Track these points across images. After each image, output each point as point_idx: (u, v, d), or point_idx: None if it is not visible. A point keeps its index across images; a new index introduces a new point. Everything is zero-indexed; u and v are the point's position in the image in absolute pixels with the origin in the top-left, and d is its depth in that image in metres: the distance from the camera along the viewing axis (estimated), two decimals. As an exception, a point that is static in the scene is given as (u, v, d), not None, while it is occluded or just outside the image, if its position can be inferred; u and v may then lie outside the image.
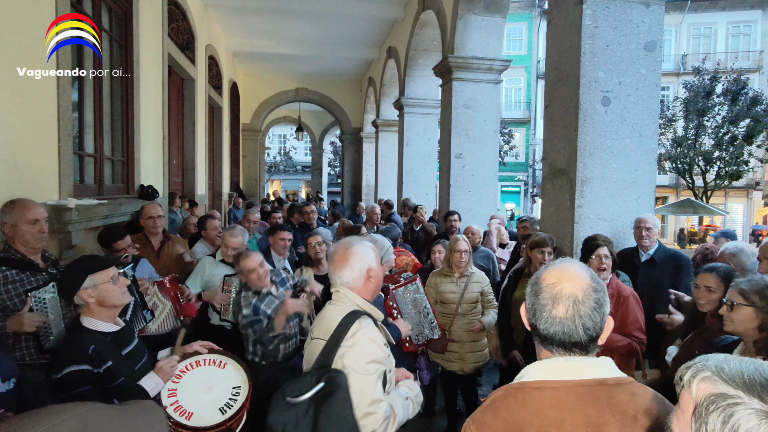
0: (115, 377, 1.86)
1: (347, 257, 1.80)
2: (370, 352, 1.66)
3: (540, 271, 1.16)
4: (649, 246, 3.36)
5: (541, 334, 1.10)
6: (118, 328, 1.99)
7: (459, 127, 6.04)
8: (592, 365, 1.08)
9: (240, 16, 9.09)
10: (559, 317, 1.07)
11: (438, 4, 6.57)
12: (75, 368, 1.77)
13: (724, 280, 2.17)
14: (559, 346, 1.09)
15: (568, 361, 1.09)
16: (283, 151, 31.29)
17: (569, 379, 1.05)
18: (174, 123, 6.85)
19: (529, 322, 1.15)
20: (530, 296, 1.14)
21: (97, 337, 1.88)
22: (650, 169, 3.63)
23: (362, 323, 1.71)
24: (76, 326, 1.93)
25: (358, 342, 1.66)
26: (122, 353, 1.94)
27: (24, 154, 2.94)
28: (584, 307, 1.07)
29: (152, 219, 3.66)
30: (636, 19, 3.53)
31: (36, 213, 2.35)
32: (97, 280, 1.88)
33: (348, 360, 1.63)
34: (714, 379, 0.67)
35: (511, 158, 25.63)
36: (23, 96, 2.93)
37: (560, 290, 1.08)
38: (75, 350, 1.82)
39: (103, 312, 1.92)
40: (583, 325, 1.06)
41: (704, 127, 19.00)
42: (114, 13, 4.53)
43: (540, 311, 1.09)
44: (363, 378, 1.62)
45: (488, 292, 3.58)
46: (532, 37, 25.37)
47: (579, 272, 1.11)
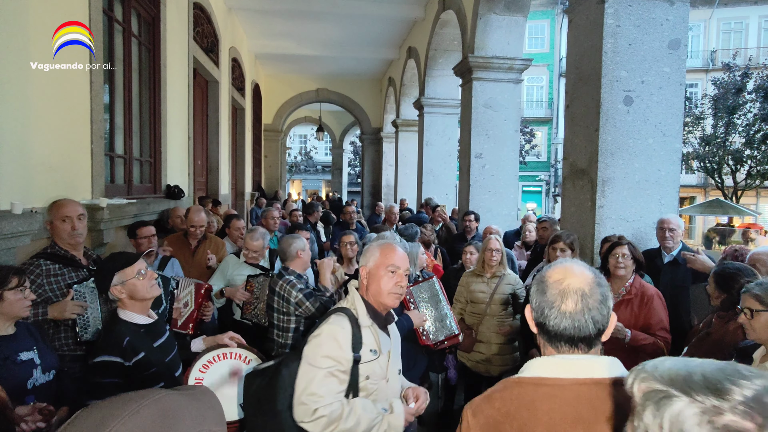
0: (147, 367, 1.94)
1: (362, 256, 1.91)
2: (327, 347, 1.69)
3: (543, 271, 1.18)
4: (673, 247, 3.31)
5: (551, 331, 1.11)
6: (151, 320, 2.07)
7: (479, 127, 6.02)
8: (592, 364, 1.08)
9: (262, 19, 9.24)
10: (569, 311, 1.08)
11: (458, 4, 6.57)
12: (107, 359, 1.86)
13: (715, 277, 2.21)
14: (568, 342, 1.10)
15: (567, 359, 1.09)
16: (304, 151, 31.60)
17: (567, 377, 1.07)
18: (198, 124, 7.03)
19: (536, 321, 1.15)
20: (536, 295, 1.15)
21: (132, 329, 1.97)
22: (674, 169, 3.57)
23: (332, 320, 1.75)
24: (114, 318, 2.03)
25: (320, 335, 1.72)
26: (154, 345, 2.02)
27: (60, 155, 3.09)
28: (592, 300, 1.08)
29: (194, 228, 3.80)
30: (660, 17, 3.48)
31: (67, 210, 2.48)
32: (124, 277, 1.97)
33: (306, 348, 1.72)
34: (650, 379, 0.71)
35: (533, 157, 25.33)
36: (59, 101, 3.07)
37: (567, 285, 1.10)
38: (111, 341, 1.92)
39: (135, 305, 2.01)
40: (592, 318, 1.08)
41: (734, 125, 18.42)
42: (143, 18, 4.69)
43: (549, 308, 1.10)
44: (311, 369, 1.67)
45: (521, 295, 3.50)
46: (554, 35, 25.01)
47: (582, 269, 1.14)
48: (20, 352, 1.86)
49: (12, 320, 1.90)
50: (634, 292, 2.64)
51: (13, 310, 1.86)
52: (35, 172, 2.82)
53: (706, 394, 0.64)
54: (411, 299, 2.71)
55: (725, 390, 0.64)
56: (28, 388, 1.84)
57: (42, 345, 2.00)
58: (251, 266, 3.46)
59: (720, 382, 0.65)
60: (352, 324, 1.74)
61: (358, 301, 1.82)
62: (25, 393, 1.79)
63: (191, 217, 3.83)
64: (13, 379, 1.80)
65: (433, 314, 2.73)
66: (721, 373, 0.67)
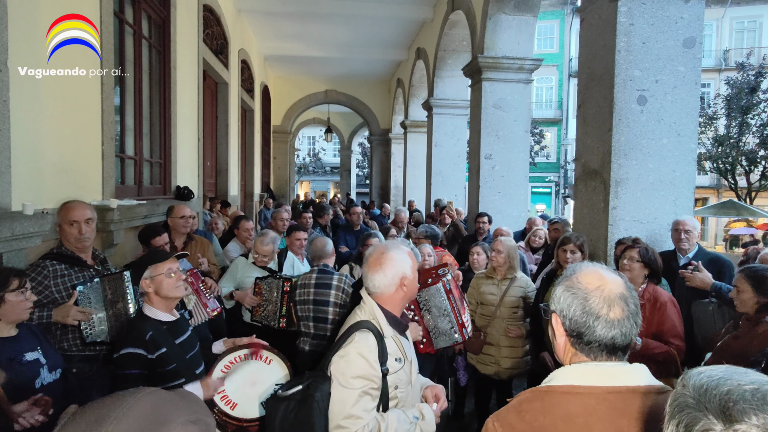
0: (167, 363, 1.97)
1: (382, 262, 1.77)
2: (356, 367, 1.64)
3: (572, 277, 1.11)
4: (688, 249, 3.24)
5: (594, 341, 1.05)
6: (174, 318, 2.12)
7: (489, 128, 5.98)
8: (625, 371, 1.04)
9: (271, 21, 9.27)
10: (618, 319, 1.04)
11: (468, 4, 6.53)
12: (131, 350, 1.91)
13: (751, 279, 2.12)
14: (610, 350, 1.05)
15: (600, 366, 1.05)
16: (312, 152, 31.68)
17: (600, 385, 1.02)
18: (208, 126, 7.06)
19: (575, 331, 1.07)
20: (573, 303, 1.07)
21: (155, 325, 2.01)
22: (689, 170, 3.51)
23: (357, 337, 1.69)
24: (139, 313, 2.09)
25: (347, 355, 1.66)
26: (176, 342, 2.06)
27: (71, 157, 3.10)
28: (633, 304, 1.06)
29: (184, 218, 3.70)
30: (674, 15, 3.42)
31: (75, 215, 2.47)
32: (154, 272, 2.02)
33: (335, 369, 1.67)
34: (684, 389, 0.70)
35: (542, 158, 25.15)
36: (71, 103, 3.09)
37: (610, 292, 1.05)
38: (135, 334, 1.96)
39: (161, 302, 2.06)
40: (636, 323, 1.05)
41: (748, 125, 18.13)
42: (153, 21, 4.71)
43: (595, 317, 1.04)
44: (344, 391, 1.62)
45: (532, 299, 3.43)
46: (564, 36, 24.83)
47: (612, 274, 1.10)
48: (25, 352, 1.88)
49: (14, 322, 1.91)
50: (647, 297, 2.57)
51: (14, 312, 1.87)
52: (47, 173, 2.83)
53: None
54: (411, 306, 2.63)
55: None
56: (36, 387, 1.86)
57: (46, 344, 2.02)
58: (260, 268, 3.45)
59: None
60: (377, 338, 1.70)
61: (378, 311, 1.76)
62: (34, 392, 1.79)
63: (178, 210, 3.67)
64: (21, 380, 1.82)
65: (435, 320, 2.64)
66: None
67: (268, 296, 3.17)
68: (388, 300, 1.78)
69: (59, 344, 2.32)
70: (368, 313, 1.77)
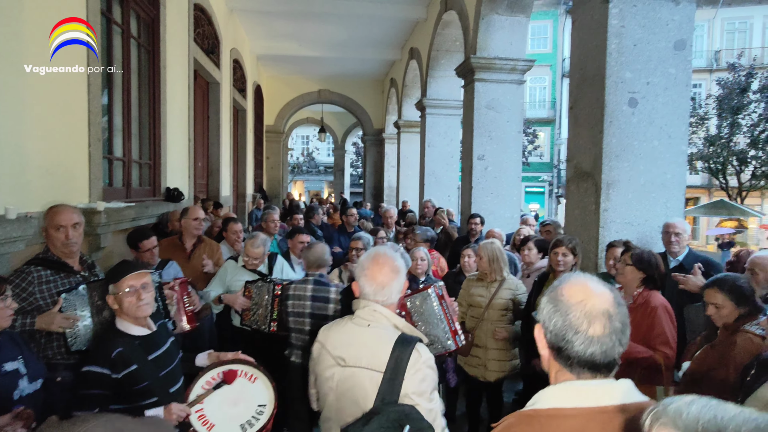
0: (138, 381, 1.89)
1: (396, 270, 1.70)
2: (433, 379, 1.62)
3: (558, 288, 1.08)
4: (679, 252, 3.25)
5: (574, 358, 1.01)
6: (148, 332, 2.03)
7: (481, 129, 5.97)
8: (611, 389, 1.01)
9: (264, 20, 9.21)
10: (597, 336, 1.00)
11: (460, 4, 6.51)
12: (94, 369, 1.83)
13: (731, 293, 2.08)
14: (592, 368, 1.01)
15: (585, 385, 1.01)
16: (306, 152, 31.58)
17: (587, 406, 0.98)
18: (199, 126, 6.99)
19: (555, 345, 1.04)
20: (555, 316, 1.04)
21: (127, 340, 1.93)
22: (680, 172, 3.51)
23: (420, 350, 1.62)
24: (110, 327, 1.99)
25: (421, 370, 1.59)
26: (149, 358, 1.97)
27: (57, 159, 3.05)
28: (617, 322, 1.02)
29: (197, 220, 3.73)
30: (665, 17, 3.42)
31: (61, 220, 2.42)
32: (116, 288, 1.94)
33: (414, 390, 1.57)
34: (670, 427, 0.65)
35: (536, 158, 25.24)
36: (55, 103, 3.04)
37: (592, 306, 1.01)
38: (100, 351, 1.88)
39: (129, 317, 1.98)
40: (619, 341, 1.01)
41: (739, 126, 18.29)
42: (142, 20, 4.65)
43: (574, 332, 1.01)
44: (431, 406, 1.58)
45: (521, 302, 3.43)
46: (557, 36, 24.91)
47: (600, 287, 1.06)
48: (4, 362, 1.81)
49: None
50: (639, 301, 2.54)
51: None
52: (31, 176, 2.78)
53: None
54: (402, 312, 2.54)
55: None
56: (15, 398, 1.80)
57: (28, 353, 1.95)
58: (250, 272, 3.41)
59: None
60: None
61: (402, 323, 1.70)
62: (12, 404, 1.74)
63: (192, 212, 3.75)
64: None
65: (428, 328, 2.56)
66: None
67: (258, 300, 3.12)
68: (392, 307, 1.73)
69: (43, 352, 2.27)
70: (388, 324, 1.67)
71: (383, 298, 1.69)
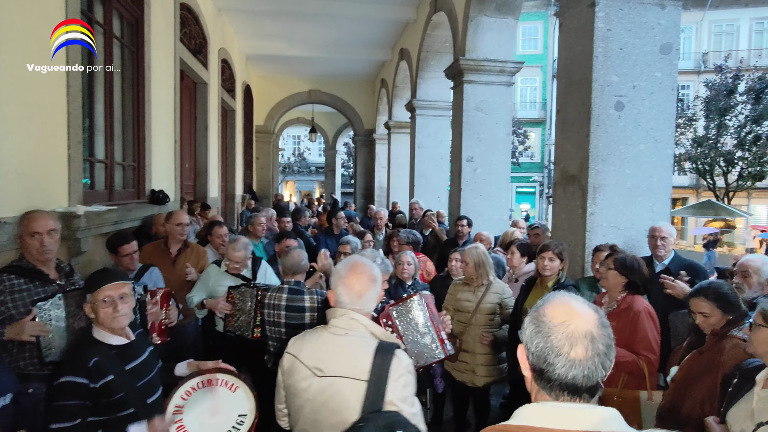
0: (114, 392, 1.85)
1: (373, 279, 1.70)
2: (414, 384, 1.63)
3: (540, 308, 1.06)
4: (664, 256, 3.25)
5: (554, 380, 0.99)
6: (126, 341, 1.99)
7: (470, 130, 5.96)
8: (589, 414, 0.97)
9: (253, 20, 9.13)
10: (579, 359, 0.97)
11: (449, 6, 6.50)
12: (70, 379, 1.78)
13: (717, 301, 2.08)
14: (572, 392, 0.99)
15: (559, 407, 0.99)
16: (297, 152, 31.44)
17: (558, 428, 0.95)
18: (186, 127, 6.90)
19: (536, 367, 1.02)
20: (536, 337, 1.01)
21: (103, 350, 1.88)
22: (666, 176, 3.52)
23: (400, 356, 1.63)
24: (86, 336, 1.95)
25: (403, 375, 1.60)
26: (126, 368, 1.92)
27: (33, 162, 2.97)
28: (601, 343, 0.99)
29: (181, 225, 3.64)
30: (651, 21, 3.42)
31: (36, 226, 2.35)
32: (92, 298, 1.90)
33: (396, 396, 1.58)
34: None
35: (527, 159, 25.36)
36: (32, 105, 2.96)
37: (575, 328, 0.99)
38: (76, 361, 1.83)
39: (106, 327, 1.93)
40: (602, 364, 0.98)
41: (726, 127, 18.52)
42: (125, 19, 4.58)
43: (555, 355, 0.99)
44: (412, 411, 1.59)
45: (509, 305, 3.41)
46: (547, 37, 25.05)
47: (585, 308, 1.03)
48: None
49: None
50: (623, 306, 2.54)
51: None
52: (6, 180, 2.70)
53: None
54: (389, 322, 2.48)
55: None
56: None
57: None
58: (233, 276, 3.36)
59: None
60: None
61: (378, 330, 1.69)
62: None
63: (176, 216, 3.66)
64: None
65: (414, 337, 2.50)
66: None
67: (242, 306, 3.07)
68: (369, 315, 1.72)
69: (15, 363, 2.20)
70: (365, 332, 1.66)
71: (360, 307, 1.68)
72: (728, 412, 1.72)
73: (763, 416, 1.59)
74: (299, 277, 2.93)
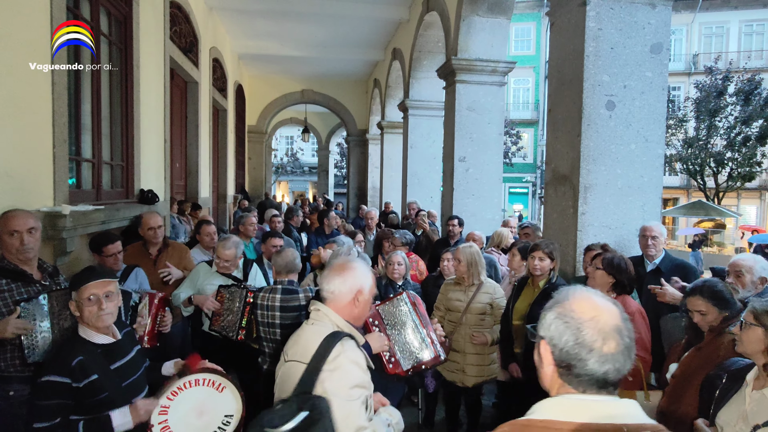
0: (98, 391, 1.84)
1: (344, 269, 1.76)
2: (354, 376, 1.58)
3: (564, 303, 1.05)
4: (655, 255, 3.25)
5: (587, 375, 0.99)
6: (112, 340, 1.98)
7: (462, 130, 5.95)
8: (615, 407, 0.98)
9: (245, 19, 9.07)
10: (611, 353, 0.98)
11: (442, 6, 6.49)
12: (53, 378, 1.76)
13: (713, 299, 2.10)
14: (601, 386, 0.99)
15: (584, 399, 0.99)
16: (290, 152, 31.33)
17: (582, 421, 0.96)
18: (177, 126, 6.84)
19: (564, 362, 1.01)
20: (566, 333, 1.01)
21: (89, 349, 1.87)
22: (656, 175, 3.53)
23: (344, 345, 1.62)
24: (72, 335, 1.94)
25: (341, 366, 1.57)
26: (111, 367, 1.91)
27: (17, 161, 2.92)
28: (627, 338, 1.01)
29: (153, 230, 3.58)
30: (642, 21, 3.42)
31: (16, 224, 2.31)
32: (78, 296, 1.89)
33: (330, 385, 1.55)
34: None
35: (519, 159, 25.44)
36: (16, 103, 2.91)
37: (605, 323, 1.00)
38: (59, 360, 1.82)
39: (90, 325, 1.92)
40: (630, 357, 1.00)
41: (716, 128, 18.72)
42: (113, 17, 4.51)
43: (588, 350, 0.99)
44: (347, 404, 1.54)
45: (500, 305, 3.38)
46: (540, 37, 25.16)
47: (607, 302, 1.04)
48: None
49: None
50: None
51: None
52: (-12, 179, 2.65)
53: None
54: (376, 321, 2.44)
55: None
56: None
57: None
58: (223, 276, 3.31)
59: None
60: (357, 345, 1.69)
61: (342, 322, 1.71)
62: None
63: (146, 221, 3.60)
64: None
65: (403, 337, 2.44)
66: None
67: (230, 306, 3.03)
68: (342, 310, 1.73)
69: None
70: (329, 323, 1.70)
71: (326, 291, 1.74)
72: (718, 413, 1.71)
73: (758, 418, 1.58)
74: (293, 276, 2.89)
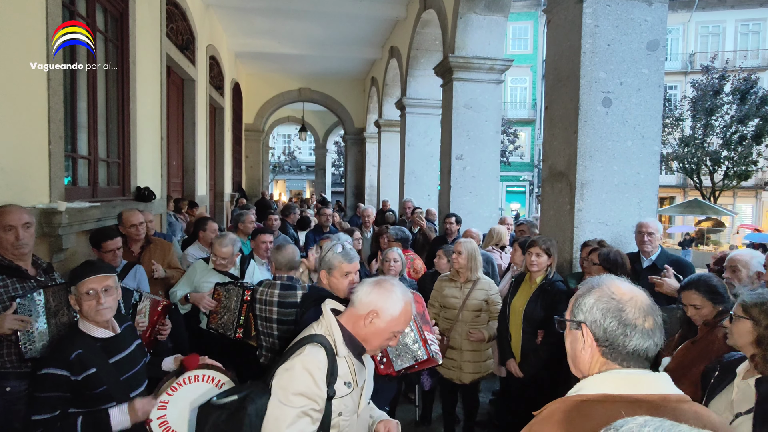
0: (97, 385, 1.84)
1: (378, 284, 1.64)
2: (300, 384, 1.50)
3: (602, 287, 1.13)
4: (651, 251, 3.26)
5: (630, 350, 1.08)
6: (111, 334, 1.98)
7: (460, 128, 5.95)
8: (654, 380, 1.06)
9: (242, 16, 9.05)
10: (651, 329, 1.09)
11: (439, 3, 6.49)
12: (52, 371, 1.77)
13: (708, 293, 2.12)
14: (643, 360, 1.09)
15: (632, 374, 1.07)
16: (288, 150, 31.29)
17: (633, 393, 1.03)
18: (173, 124, 6.82)
19: (608, 342, 1.09)
20: (609, 315, 1.09)
21: (87, 342, 1.88)
22: (653, 172, 3.54)
23: (307, 350, 1.55)
24: (72, 328, 1.96)
25: (292, 368, 1.52)
26: (110, 361, 1.92)
27: (12, 157, 2.90)
28: (659, 317, 1.11)
29: (134, 227, 3.54)
30: (638, 18, 3.43)
31: (10, 219, 2.30)
32: (77, 290, 1.89)
33: (275, 382, 1.52)
34: None
35: (517, 158, 25.49)
36: (11, 99, 2.89)
37: (642, 302, 1.10)
38: (58, 353, 1.83)
39: (90, 319, 1.93)
40: (662, 334, 1.10)
41: (712, 127, 18.78)
42: (109, 13, 4.49)
43: (631, 328, 1.08)
44: (281, 407, 1.48)
45: (495, 301, 3.39)
46: (537, 36, 25.19)
47: (634, 286, 1.14)
48: None
49: None
50: None
51: None
52: (-17, 175, 2.64)
53: None
54: None
55: None
56: None
57: None
58: (220, 274, 3.30)
59: None
60: (328, 355, 1.55)
61: (335, 328, 1.62)
62: None
63: (127, 218, 3.56)
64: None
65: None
66: None
67: (227, 303, 3.02)
68: (350, 321, 1.64)
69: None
70: (325, 328, 1.64)
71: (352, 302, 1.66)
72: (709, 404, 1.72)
73: (741, 407, 1.60)
74: (294, 272, 2.89)
